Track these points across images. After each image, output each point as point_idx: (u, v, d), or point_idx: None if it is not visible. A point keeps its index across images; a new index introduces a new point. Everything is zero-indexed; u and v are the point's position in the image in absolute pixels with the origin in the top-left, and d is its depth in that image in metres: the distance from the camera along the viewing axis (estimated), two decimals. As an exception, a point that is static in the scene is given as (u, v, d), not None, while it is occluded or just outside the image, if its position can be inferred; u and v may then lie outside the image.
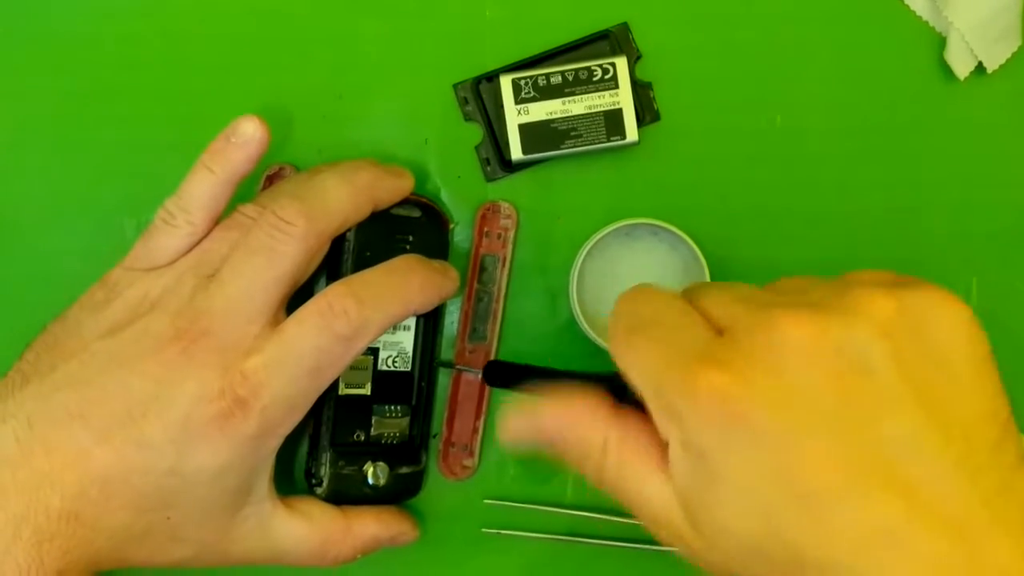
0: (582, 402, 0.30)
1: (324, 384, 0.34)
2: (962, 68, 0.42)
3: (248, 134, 0.35)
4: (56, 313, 0.36)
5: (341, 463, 0.39)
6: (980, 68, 0.42)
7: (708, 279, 0.40)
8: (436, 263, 0.38)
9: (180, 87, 0.42)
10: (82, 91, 0.42)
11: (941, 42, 0.42)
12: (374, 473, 0.39)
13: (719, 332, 0.27)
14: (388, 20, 0.42)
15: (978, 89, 0.42)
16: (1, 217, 0.42)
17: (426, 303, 0.37)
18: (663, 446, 0.27)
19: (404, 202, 0.39)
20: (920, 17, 0.42)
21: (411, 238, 0.39)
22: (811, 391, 0.25)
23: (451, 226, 0.42)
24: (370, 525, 0.38)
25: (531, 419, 0.30)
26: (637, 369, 0.28)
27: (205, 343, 0.33)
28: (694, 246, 0.39)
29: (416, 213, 0.40)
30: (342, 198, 0.36)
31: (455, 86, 0.42)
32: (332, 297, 0.34)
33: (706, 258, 0.40)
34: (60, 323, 0.35)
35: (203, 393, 0.32)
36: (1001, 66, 0.42)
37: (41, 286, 0.41)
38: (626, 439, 0.28)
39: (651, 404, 0.27)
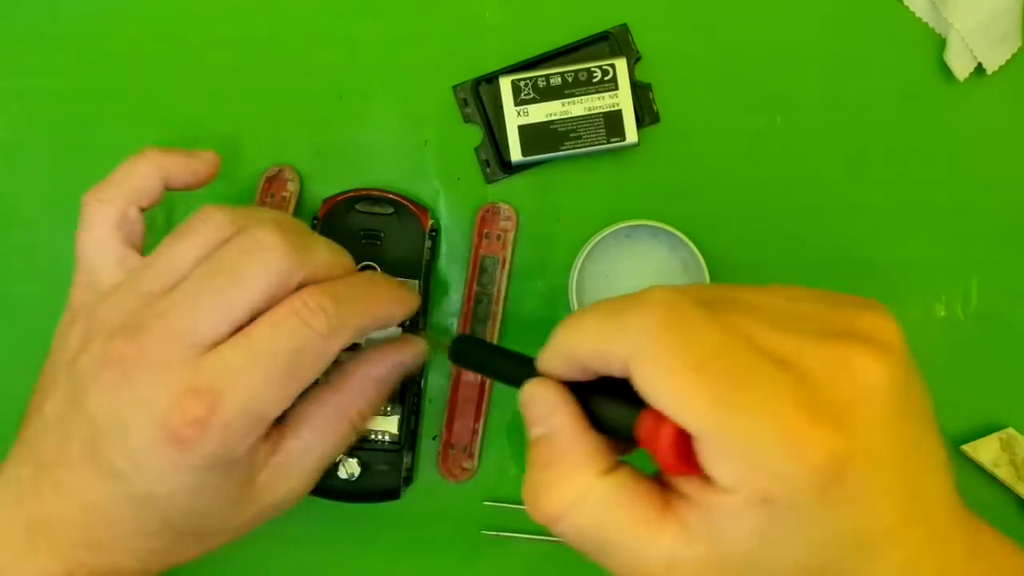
0: (569, 445, 0.27)
1: (297, 390, 0.32)
2: (962, 69, 0.42)
3: (208, 159, 0.37)
4: (53, 313, 0.35)
5: None
6: (980, 69, 0.42)
7: (707, 280, 0.40)
8: (396, 280, 0.37)
9: (180, 87, 0.42)
10: (81, 91, 0.42)
11: (941, 43, 0.42)
12: (345, 467, 0.39)
13: (778, 362, 0.25)
14: (388, 22, 0.42)
15: (978, 90, 0.43)
16: (1, 217, 0.42)
17: (392, 315, 0.35)
18: (663, 500, 0.26)
19: (377, 199, 0.40)
20: (920, 18, 0.42)
21: (382, 235, 0.40)
22: (889, 440, 0.25)
23: (430, 222, 0.41)
24: (366, 369, 0.36)
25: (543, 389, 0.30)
26: (700, 410, 0.25)
27: (144, 364, 0.31)
28: (694, 247, 0.39)
29: (389, 210, 0.40)
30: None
31: (455, 88, 0.42)
32: (307, 296, 0.32)
33: (705, 259, 0.39)
34: (48, 355, 0.35)
35: (153, 416, 0.30)
36: (1001, 67, 0.42)
37: (40, 286, 0.42)
38: (619, 492, 0.26)
39: (715, 450, 0.25)
